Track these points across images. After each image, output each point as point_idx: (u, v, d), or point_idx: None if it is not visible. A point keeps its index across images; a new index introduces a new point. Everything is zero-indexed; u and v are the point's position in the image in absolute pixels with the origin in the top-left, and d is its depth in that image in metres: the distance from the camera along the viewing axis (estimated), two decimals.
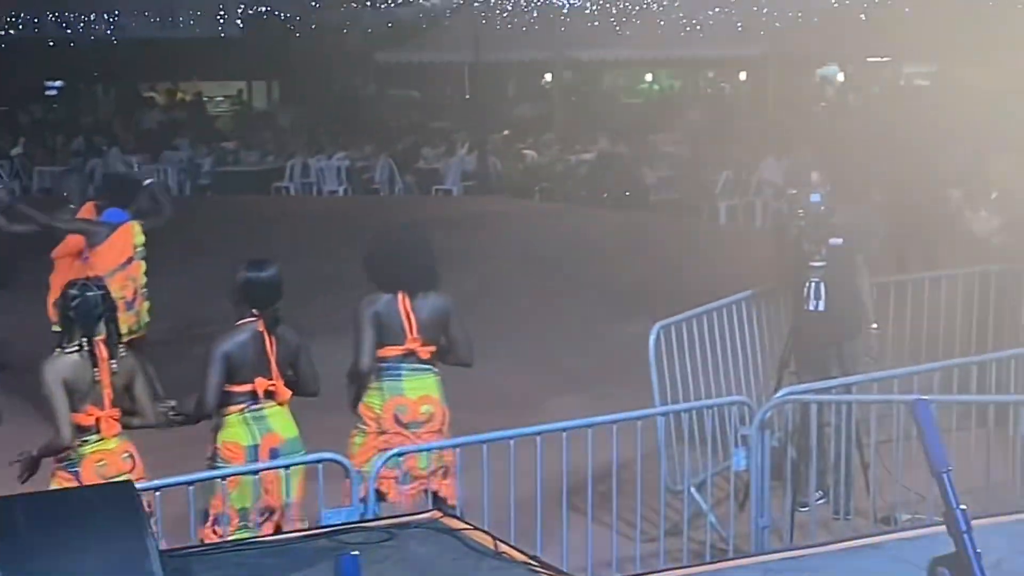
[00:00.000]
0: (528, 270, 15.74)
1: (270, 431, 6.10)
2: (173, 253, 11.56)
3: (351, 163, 24.84)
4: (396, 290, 6.47)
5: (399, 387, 6.45)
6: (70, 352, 5.85)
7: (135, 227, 9.86)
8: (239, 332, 6.15)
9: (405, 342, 6.45)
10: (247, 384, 6.08)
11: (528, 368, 11.10)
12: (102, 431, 5.87)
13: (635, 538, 6.78)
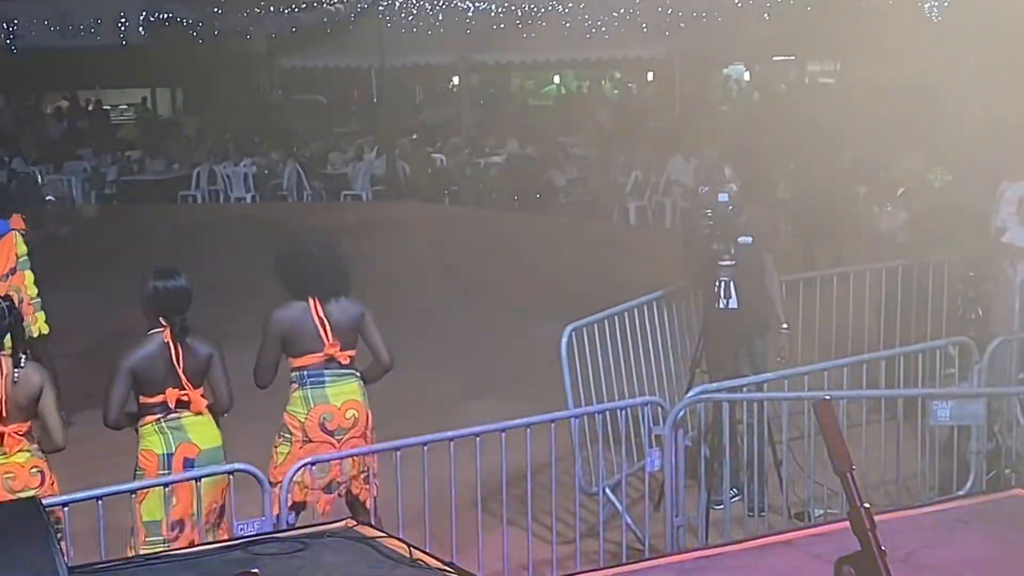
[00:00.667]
0: (439, 275, 15.72)
1: (187, 441, 6.03)
2: (80, 264, 11.38)
3: (258, 170, 24.64)
4: (307, 296, 6.43)
5: (323, 394, 6.41)
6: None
7: (18, 237, 9.66)
8: (146, 344, 6.07)
9: (323, 348, 6.41)
10: (158, 395, 6.01)
11: (440, 373, 11.08)
12: (5, 446, 5.75)
13: (551, 540, 6.78)
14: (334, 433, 6.42)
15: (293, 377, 6.47)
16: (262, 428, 6.73)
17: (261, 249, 8.25)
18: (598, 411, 7.44)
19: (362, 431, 6.51)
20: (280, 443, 6.46)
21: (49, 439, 5.94)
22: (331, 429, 6.41)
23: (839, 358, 8.17)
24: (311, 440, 6.39)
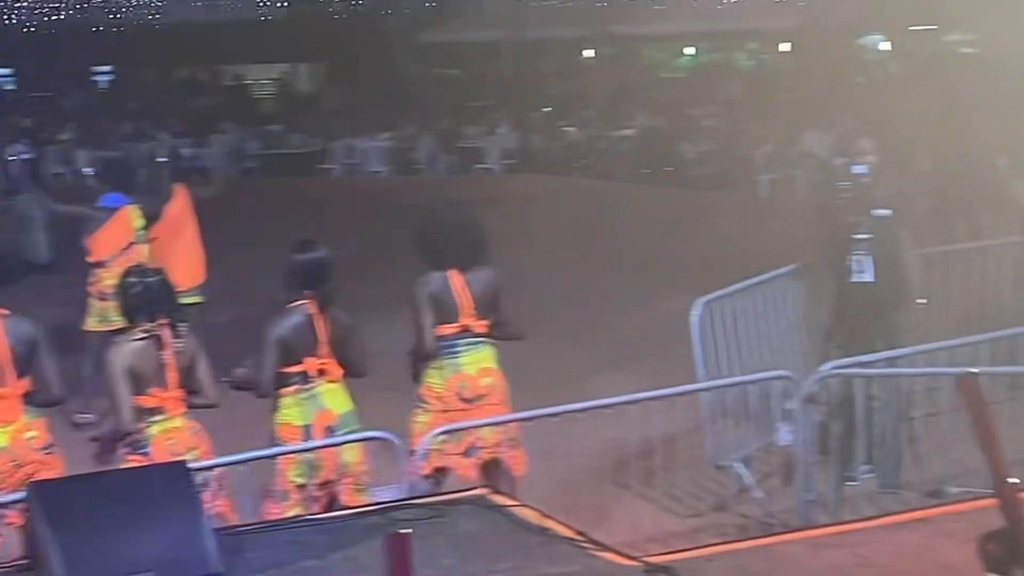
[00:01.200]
0: (570, 247, 15.76)
1: (323, 409, 6.18)
2: (222, 236, 11.64)
3: (394, 143, 24.91)
4: (447, 267, 6.51)
5: (458, 364, 6.50)
6: (134, 339, 5.94)
7: (133, 211, 9.92)
8: (290, 315, 6.22)
9: (460, 319, 6.50)
10: (298, 365, 6.17)
11: (571, 345, 11.13)
12: (167, 411, 5.97)
13: (681, 513, 6.81)
14: (472, 401, 6.52)
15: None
16: (398, 397, 6.86)
17: (396, 222, 8.39)
18: (729, 384, 7.44)
19: (498, 397, 6.59)
20: (419, 413, 6.56)
21: (205, 398, 6.14)
22: (468, 397, 6.51)
23: (976, 333, 8.05)
24: (449, 409, 6.49)
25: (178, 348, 5.95)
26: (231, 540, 4.91)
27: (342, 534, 5.04)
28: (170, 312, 6.00)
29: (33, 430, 5.94)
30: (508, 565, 4.67)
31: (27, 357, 5.96)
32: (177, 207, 10.18)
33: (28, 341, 5.97)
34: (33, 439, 5.93)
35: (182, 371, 6.01)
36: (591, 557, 4.72)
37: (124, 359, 5.89)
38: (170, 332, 5.96)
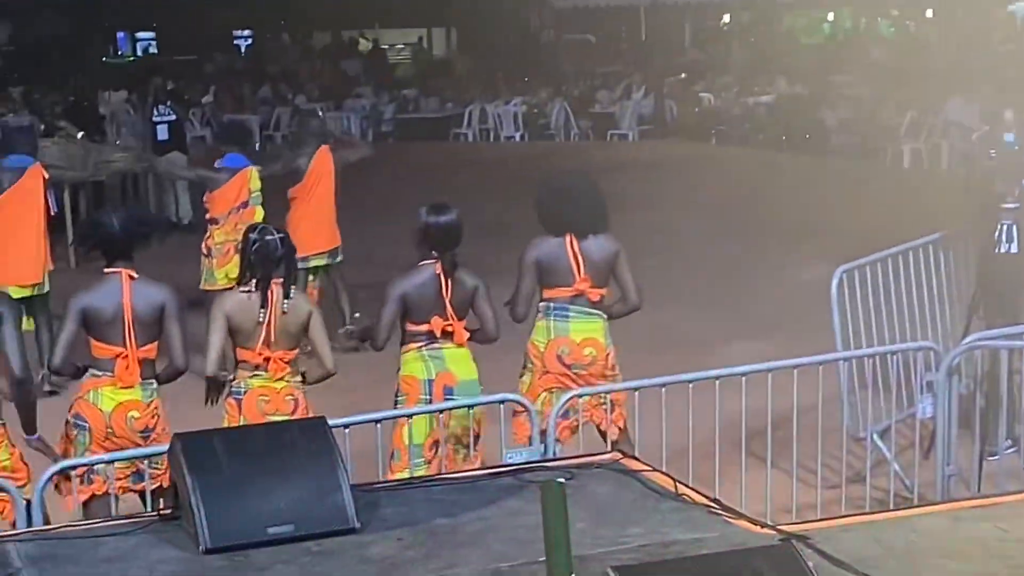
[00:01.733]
0: (705, 214, 15.64)
1: (445, 370, 6.23)
2: (358, 198, 11.77)
3: (527, 109, 24.91)
4: (564, 232, 6.53)
5: (565, 328, 6.52)
6: (242, 291, 6.04)
7: (253, 173, 10.09)
8: (417, 273, 6.29)
9: (574, 283, 6.51)
10: (424, 323, 6.22)
11: (706, 312, 11.07)
12: (270, 371, 6.05)
13: (816, 484, 6.74)
14: (571, 367, 6.53)
15: (541, 308, 6.61)
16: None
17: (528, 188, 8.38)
18: (868, 355, 7.33)
19: (601, 370, 6.60)
20: (524, 373, 6.61)
21: (321, 365, 6.21)
22: (568, 363, 6.52)
23: None
24: (548, 371, 6.52)
25: (285, 307, 6.02)
26: (367, 496, 4.97)
27: (475, 494, 5.08)
28: (284, 272, 6.08)
29: (136, 410, 6.03)
30: (641, 530, 4.66)
31: (153, 322, 6.07)
32: (318, 169, 10.33)
33: (156, 306, 6.07)
34: (134, 420, 6.02)
35: (291, 332, 6.07)
36: (725, 525, 4.69)
37: (226, 307, 6.01)
38: (279, 291, 6.04)
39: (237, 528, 4.58)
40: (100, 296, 6.02)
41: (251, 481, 4.68)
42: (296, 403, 6.11)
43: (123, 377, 5.96)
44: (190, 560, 4.52)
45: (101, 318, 5.97)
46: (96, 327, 6.00)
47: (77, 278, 10.64)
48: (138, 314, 6.00)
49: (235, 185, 10.02)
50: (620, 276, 6.67)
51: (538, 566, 4.35)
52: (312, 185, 10.31)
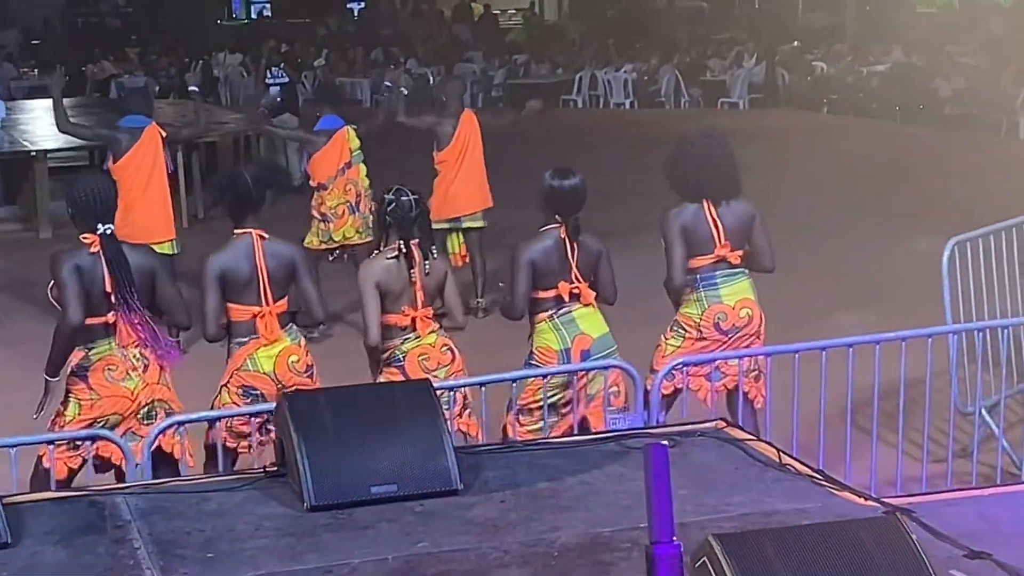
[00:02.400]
0: (815, 184, 15.48)
1: (580, 332, 6.26)
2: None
3: (637, 75, 24.78)
4: (701, 198, 6.49)
5: (717, 295, 6.49)
6: (387, 256, 6.12)
7: (350, 132, 10.18)
8: (542, 239, 6.31)
9: (714, 250, 6.48)
10: (552, 290, 6.25)
11: (813, 282, 10.97)
12: (418, 329, 6.13)
13: (921, 459, 6.67)
14: (728, 332, 6.51)
15: (687, 280, 6.55)
16: (640, 327, 6.87)
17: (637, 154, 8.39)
18: (979, 329, 7.21)
19: (756, 329, 6.57)
20: (672, 336, 6.57)
21: (453, 321, 6.30)
22: (726, 329, 6.50)
23: None
24: (704, 338, 6.50)
25: (427, 269, 6.11)
26: (471, 458, 5.03)
27: (579, 459, 5.10)
28: (422, 232, 6.15)
29: (295, 354, 6.16)
30: (743, 498, 4.66)
31: (285, 279, 6.18)
32: (465, 131, 10.37)
33: (286, 263, 6.18)
34: (296, 363, 6.15)
35: (430, 291, 6.17)
36: (829, 496, 4.66)
37: (374, 275, 6.09)
38: (420, 252, 6.12)
39: (341, 486, 4.65)
40: (234, 257, 6.10)
41: (356, 440, 4.74)
42: (453, 353, 6.21)
43: (266, 335, 6.07)
44: (295, 517, 4.60)
45: (238, 280, 6.06)
46: (233, 290, 6.08)
47: (190, 238, 10.88)
48: (272, 272, 6.10)
49: (335, 147, 10.13)
50: (756, 240, 6.62)
51: (639, 532, 4.37)
52: (460, 148, 10.36)
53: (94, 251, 5.71)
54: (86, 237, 5.75)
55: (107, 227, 5.74)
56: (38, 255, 12.43)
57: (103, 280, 5.70)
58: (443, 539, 4.40)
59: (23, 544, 4.41)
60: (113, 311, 5.72)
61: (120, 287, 5.68)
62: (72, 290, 5.66)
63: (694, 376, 6.39)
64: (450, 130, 10.36)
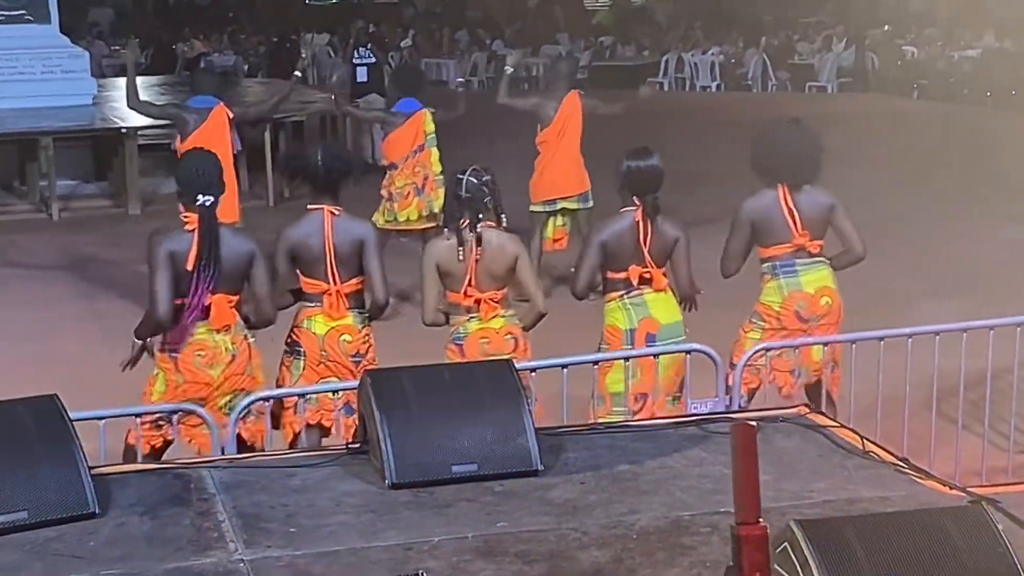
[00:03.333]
0: (905, 170, 15.30)
1: (648, 316, 6.22)
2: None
3: (724, 58, 24.62)
4: (777, 183, 6.43)
5: (797, 283, 6.43)
6: (449, 236, 6.12)
7: (427, 115, 10.14)
8: (617, 220, 6.28)
9: (792, 239, 6.42)
10: (622, 272, 6.22)
11: (900, 269, 10.85)
12: (482, 312, 6.13)
13: (1007, 448, 6.58)
14: (809, 320, 6.44)
15: (764, 268, 6.50)
16: (720, 313, 6.84)
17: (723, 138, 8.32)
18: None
19: (836, 318, 6.50)
20: (751, 329, 6.52)
21: (532, 307, 6.29)
22: (806, 317, 6.43)
23: None
24: (784, 328, 6.44)
25: (492, 249, 6.08)
26: (551, 440, 5.03)
27: (659, 442, 5.10)
28: (490, 213, 6.14)
29: (349, 334, 6.15)
30: (826, 485, 4.63)
31: (353, 256, 6.18)
32: (566, 112, 10.32)
33: (356, 241, 6.18)
34: (347, 343, 6.14)
35: (496, 274, 6.14)
36: (913, 484, 4.62)
37: (434, 255, 6.10)
38: (489, 233, 6.10)
39: (422, 464, 4.68)
40: (304, 232, 6.16)
41: (437, 419, 4.77)
42: (516, 341, 6.18)
43: (331, 312, 6.12)
44: (376, 494, 4.64)
45: (307, 254, 6.11)
46: (303, 263, 6.14)
47: (275, 216, 10.98)
48: (339, 250, 6.13)
49: (410, 129, 10.12)
50: (841, 227, 6.54)
51: (719, 516, 4.37)
52: (560, 129, 10.29)
53: (190, 228, 5.75)
54: (186, 215, 5.80)
55: (207, 198, 5.77)
56: (127, 230, 12.70)
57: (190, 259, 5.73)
58: (522, 519, 4.42)
59: (110, 514, 4.49)
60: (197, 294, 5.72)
61: (202, 259, 5.68)
62: (162, 280, 5.67)
63: (777, 371, 6.34)
64: (551, 112, 10.29)
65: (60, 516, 4.39)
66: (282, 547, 4.25)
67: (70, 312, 10.37)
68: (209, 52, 25.62)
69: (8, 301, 10.77)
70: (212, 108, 9.56)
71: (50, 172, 14.10)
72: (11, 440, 4.47)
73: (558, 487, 4.67)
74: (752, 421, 4.99)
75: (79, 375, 7.79)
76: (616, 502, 4.55)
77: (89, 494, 4.45)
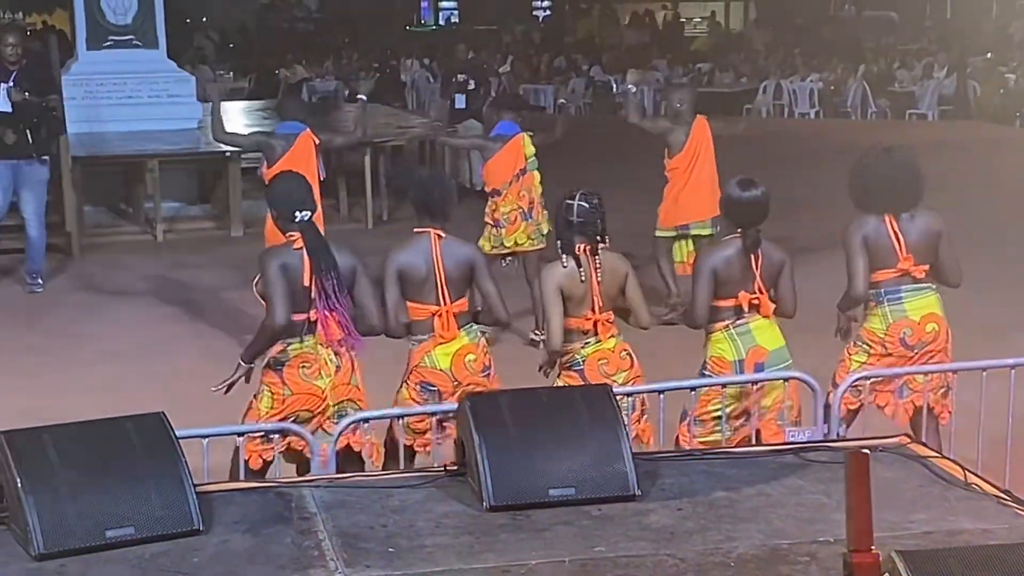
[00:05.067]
0: (1004, 198, 15.09)
1: (755, 345, 6.17)
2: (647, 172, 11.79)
3: (824, 86, 24.45)
4: (882, 213, 6.38)
5: (902, 310, 6.37)
6: (567, 260, 6.16)
7: (526, 139, 10.11)
8: (725, 247, 6.25)
9: (897, 264, 6.37)
10: (731, 299, 6.19)
11: (1005, 298, 10.69)
12: (599, 334, 6.17)
13: None
14: (914, 348, 6.38)
15: (870, 294, 6.46)
16: (821, 340, 6.80)
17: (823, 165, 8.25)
18: None
19: (942, 345, 6.43)
20: (856, 352, 6.47)
21: (637, 319, 6.33)
22: (911, 344, 6.37)
23: None
24: (890, 354, 6.39)
25: (605, 272, 6.13)
26: (648, 464, 5.04)
27: (757, 470, 5.08)
28: (600, 236, 6.18)
29: (472, 352, 6.25)
30: (926, 516, 4.59)
31: (463, 278, 6.27)
32: (697, 138, 10.31)
33: (464, 263, 6.27)
34: (472, 362, 6.24)
35: (612, 294, 6.19)
36: (1016, 517, 4.56)
37: (556, 280, 6.13)
38: (591, 256, 6.14)
39: (520, 487, 4.71)
40: (412, 255, 6.24)
41: (535, 443, 4.79)
42: (632, 358, 6.22)
43: (444, 334, 6.20)
44: (474, 516, 4.68)
45: (415, 277, 6.19)
46: (410, 287, 6.20)
47: (373, 239, 11.07)
48: (449, 272, 6.21)
49: (511, 153, 10.09)
50: (941, 254, 6.50)
51: (818, 545, 4.35)
52: (692, 155, 10.24)
53: (298, 247, 5.85)
54: (291, 235, 5.90)
55: (304, 214, 5.88)
56: (229, 252, 12.90)
57: (305, 274, 5.83)
58: (620, 544, 4.43)
59: (214, 531, 4.56)
60: (315, 308, 5.83)
61: (319, 271, 5.78)
62: (279, 290, 5.78)
63: (881, 392, 6.29)
64: (683, 138, 10.23)
65: (165, 532, 4.47)
66: (381, 567, 4.30)
67: (174, 332, 10.55)
68: (311, 77, 25.97)
69: (114, 320, 10.98)
70: (299, 134, 9.62)
71: (155, 194, 14.34)
72: (119, 456, 4.57)
73: (655, 512, 4.67)
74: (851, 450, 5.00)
75: (182, 393, 7.92)
76: (713, 529, 4.55)
77: (193, 511, 4.53)
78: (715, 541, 4.44)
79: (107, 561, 4.33)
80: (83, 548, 4.36)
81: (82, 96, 15.57)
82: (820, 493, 4.81)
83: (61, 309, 11.40)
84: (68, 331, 10.71)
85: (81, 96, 15.54)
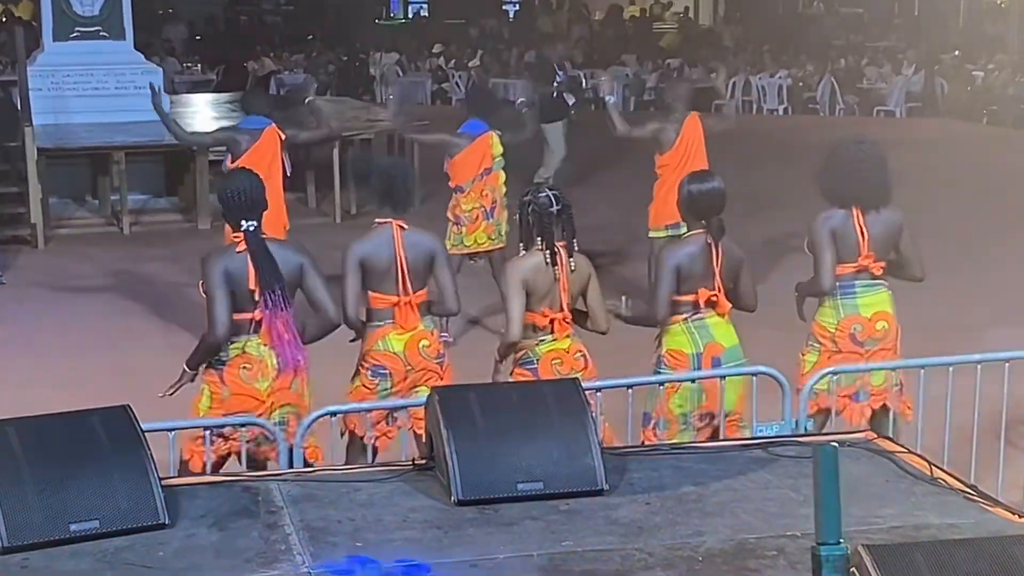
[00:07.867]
0: (973, 196, 15.17)
1: (712, 340, 6.19)
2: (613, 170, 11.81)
3: (792, 82, 24.52)
4: (850, 205, 6.40)
5: (854, 304, 6.40)
6: (532, 255, 6.14)
7: (493, 138, 10.03)
8: (687, 244, 6.26)
9: (858, 259, 6.39)
10: (691, 294, 6.20)
11: (970, 296, 10.77)
12: (555, 332, 6.15)
13: None
14: (864, 344, 6.41)
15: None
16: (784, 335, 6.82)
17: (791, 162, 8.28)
18: None
19: (892, 343, 6.47)
20: (808, 352, 6.51)
21: (595, 324, 6.31)
22: (861, 340, 6.40)
23: None
24: (840, 350, 6.41)
25: (572, 267, 6.12)
26: (616, 459, 5.04)
27: (725, 465, 5.09)
28: (566, 232, 6.15)
29: (426, 339, 6.27)
30: (893, 511, 4.60)
31: (424, 268, 6.28)
32: (689, 136, 10.18)
33: (425, 253, 6.28)
34: (427, 348, 6.25)
35: (573, 294, 6.18)
36: (981, 512, 4.58)
37: (521, 272, 6.11)
38: (565, 253, 6.13)
39: (488, 482, 4.70)
40: (374, 246, 6.25)
41: (504, 437, 4.79)
42: (585, 359, 6.22)
43: (403, 324, 6.20)
44: (442, 510, 4.66)
45: (377, 267, 6.19)
46: (372, 277, 6.21)
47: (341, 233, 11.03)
48: (410, 263, 6.20)
49: (477, 151, 9.97)
50: (904, 249, 6.52)
51: (786, 539, 4.36)
52: (683, 153, 10.04)
53: (241, 250, 5.78)
54: (236, 236, 5.85)
55: (250, 223, 5.80)
56: (197, 245, 12.82)
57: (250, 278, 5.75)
58: (588, 538, 4.43)
59: (180, 525, 4.54)
60: (259, 308, 5.74)
61: (264, 283, 5.70)
62: (219, 301, 5.69)
63: (839, 397, 6.31)
64: (673, 135, 10.04)
65: (131, 526, 4.44)
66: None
67: (140, 324, 10.50)
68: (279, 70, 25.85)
69: (79, 313, 10.92)
70: (264, 129, 9.54)
71: (122, 186, 14.28)
72: (84, 450, 4.53)
73: (623, 507, 4.67)
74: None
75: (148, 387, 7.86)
76: (681, 523, 4.55)
77: (159, 505, 4.50)
78: (683, 535, 4.44)
79: (72, 555, 4.30)
80: (47, 542, 4.33)
81: (48, 87, 15.46)
82: (787, 488, 4.82)
83: (25, 301, 11.33)
84: (32, 323, 10.64)
85: (47, 87, 15.44)
